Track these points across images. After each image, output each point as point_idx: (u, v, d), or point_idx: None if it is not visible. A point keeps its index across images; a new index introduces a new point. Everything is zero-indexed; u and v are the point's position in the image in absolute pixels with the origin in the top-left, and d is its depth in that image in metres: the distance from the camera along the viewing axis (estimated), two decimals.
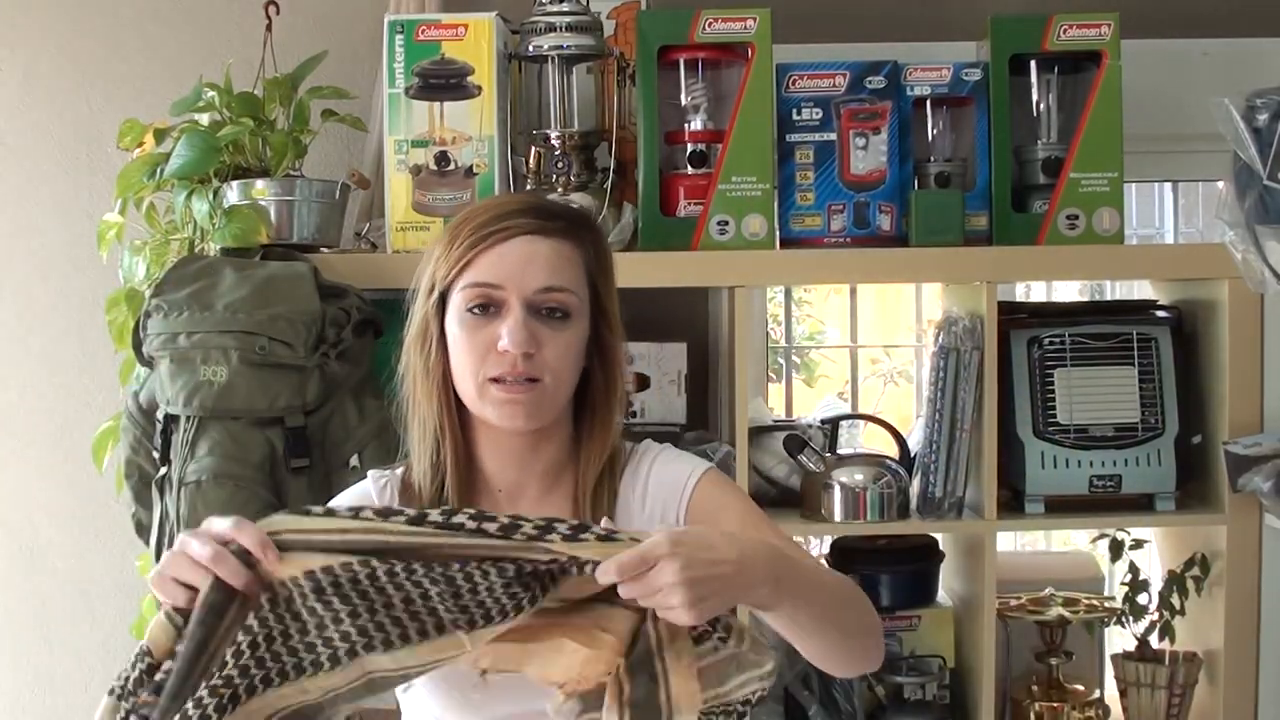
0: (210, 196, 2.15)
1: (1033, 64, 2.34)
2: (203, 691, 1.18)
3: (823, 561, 1.50)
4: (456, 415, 1.48)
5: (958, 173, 2.32)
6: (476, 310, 1.44)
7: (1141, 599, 2.39)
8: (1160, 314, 2.39)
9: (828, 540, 2.52)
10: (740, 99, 2.23)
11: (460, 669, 1.30)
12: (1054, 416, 2.28)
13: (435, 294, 1.47)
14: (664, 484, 1.51)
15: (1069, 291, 2.97)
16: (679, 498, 1.50)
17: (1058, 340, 2.30)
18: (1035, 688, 2.40)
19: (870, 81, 2.28)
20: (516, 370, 1.42)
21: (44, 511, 2.67)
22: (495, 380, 1.43)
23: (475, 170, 2.21)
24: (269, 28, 2.37)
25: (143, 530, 2.13)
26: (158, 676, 1.19)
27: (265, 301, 2.02)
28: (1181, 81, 2.51)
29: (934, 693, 2.37)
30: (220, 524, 1.22)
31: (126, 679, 1.21)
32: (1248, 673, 2.26)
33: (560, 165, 2.26)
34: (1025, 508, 2.29)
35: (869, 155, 2.29)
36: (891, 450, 2.45)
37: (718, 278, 2.26)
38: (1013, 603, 2.42)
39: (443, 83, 2.21)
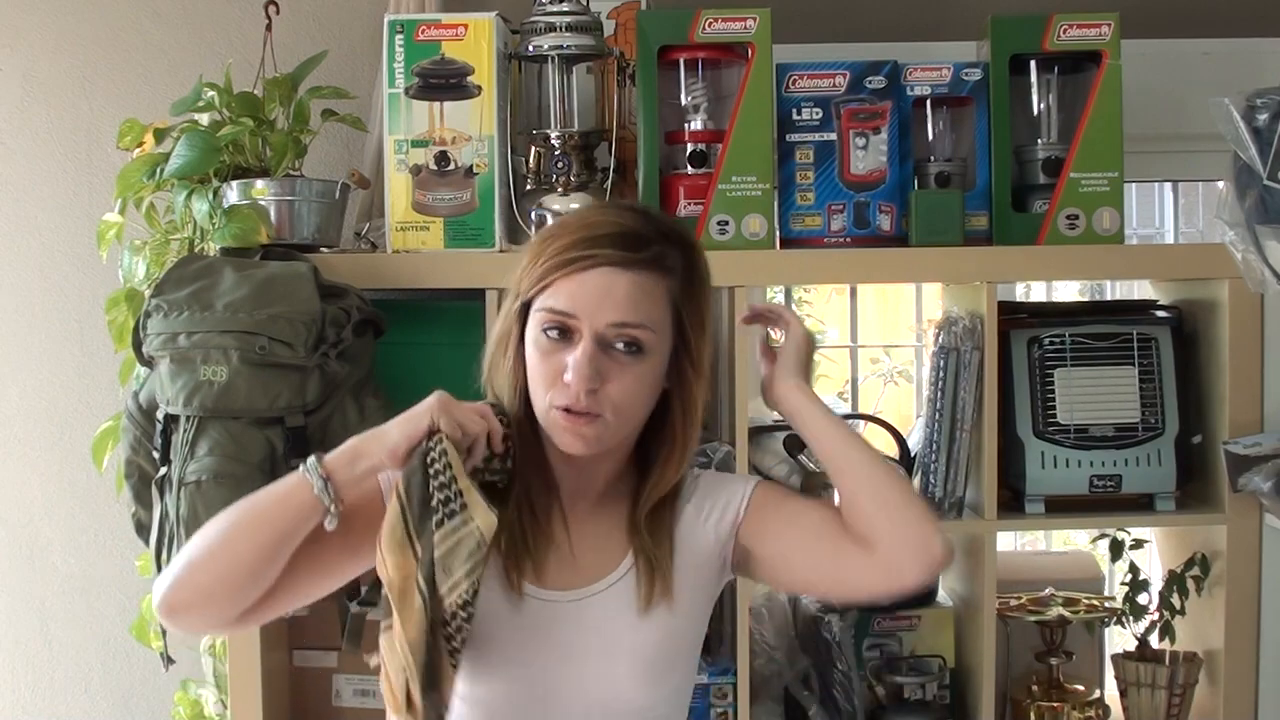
0: (210, 196, 2.15)
1: (1033, 64, 2.33)
2: None
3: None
4: (527, 415, 1.49)
5: (958, 173, 2.32)
6: (553, 334, 1.45)
7: (1141, 599, 2.39)
8: (1160, 314, 2.38)
9: None
10: (740, 99, 2.23)
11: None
12: (1054, 416, 2.28)
13: (519, 302, 1.48)
14: (719, 495, 1.55)
15: (1069, 291, 2.97)
16: (739, 500, 1.54)
17: (1058, 340, 2.30)
18: (1035, 688, 2.40)
19: (870, 81, 2.28)
20: (579, 404, 1.42)
21: (44, 511, 2.67)
22: (560, 408, 1.44)
23: (475, 170, 2.21)
24: (269, 28, 2.37)
25: (143, 530, 2.13)
26: None
27: (265, 301, 2.02)
28: (1181, 81, 2.51)
29: (934, 693, 2.37)
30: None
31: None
32: (1248, 673, 2.26)
33: (560, 165, 2.26)
34: (1025, 508, 2.28)
35: (869, 155, 2.28)
36: (891, 450, 2.45)
37: (718, 278, 2.20)
38: (1013, 603, 2.42)
39: (443, 82, 2.21)
